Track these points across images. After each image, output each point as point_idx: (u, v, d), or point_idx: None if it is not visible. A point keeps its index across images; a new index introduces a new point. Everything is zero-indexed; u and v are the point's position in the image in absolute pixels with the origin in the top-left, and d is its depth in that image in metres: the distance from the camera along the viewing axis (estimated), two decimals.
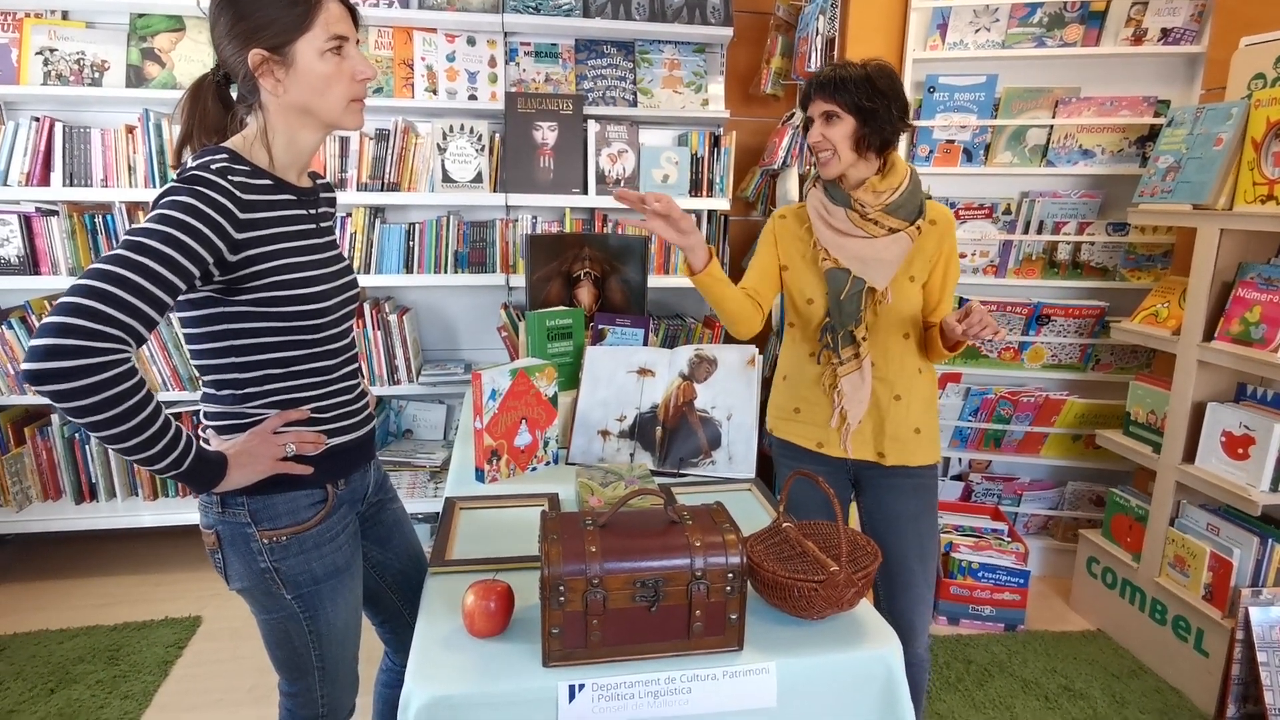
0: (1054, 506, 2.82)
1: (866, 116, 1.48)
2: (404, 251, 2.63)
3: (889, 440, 1.59)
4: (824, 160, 1.54)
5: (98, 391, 0.90)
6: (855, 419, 1.58)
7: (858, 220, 1.53)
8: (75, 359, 0.88)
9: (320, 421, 1.18)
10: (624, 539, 1.01)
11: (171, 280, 0.95)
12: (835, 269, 1.56)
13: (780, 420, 1.70)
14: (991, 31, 2.52)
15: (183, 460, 1.01)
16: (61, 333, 0.87)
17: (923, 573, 1.60)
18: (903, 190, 1.53)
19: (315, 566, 1.17)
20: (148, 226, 0.95)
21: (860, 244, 1.54)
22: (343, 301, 1.19)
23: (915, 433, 1.60)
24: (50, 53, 2.42)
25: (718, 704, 1.01)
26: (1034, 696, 2.13)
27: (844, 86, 1.48)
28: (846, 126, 1.50)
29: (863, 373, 1.57)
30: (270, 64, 1.06)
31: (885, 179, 1.54)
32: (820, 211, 1.58)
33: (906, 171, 1.56)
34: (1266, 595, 1.99)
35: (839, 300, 1.55)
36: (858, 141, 1.50)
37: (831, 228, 1.57)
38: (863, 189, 1.55)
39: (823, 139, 1.52)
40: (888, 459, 1.59)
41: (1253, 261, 2.08)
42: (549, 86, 2.71)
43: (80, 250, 2.47)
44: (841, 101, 1.48)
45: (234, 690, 2.10)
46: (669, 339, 2.76)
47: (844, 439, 1.60)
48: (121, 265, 0.92)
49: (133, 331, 0.92)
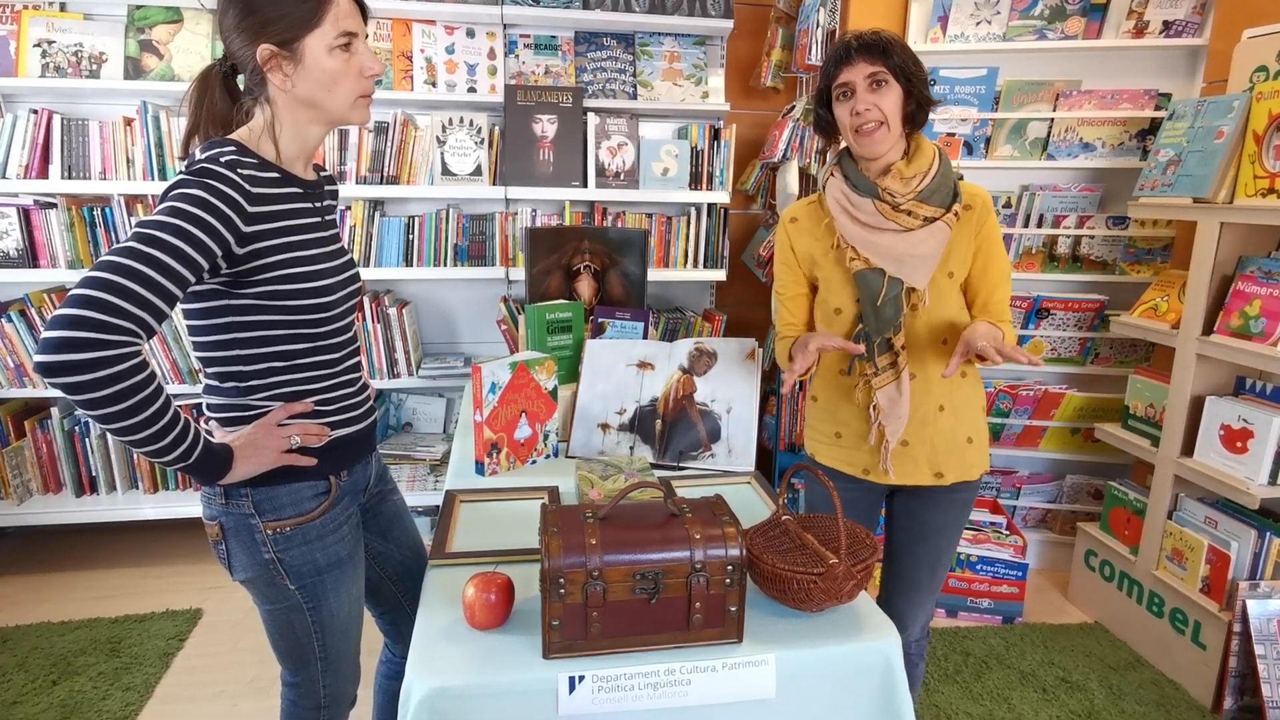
0: (1052, 500, 2.83)
1: (914, 84, 1.33)
2: (403, 244, 2.63)
3: (943, 457, 1.44)
4: (869, 132, 1.33)
5: (111, 384, 0.90)
6: (894, 436, 1.42)
7: (889, 212, 1.35)
8: (88, 351, 0.88)
9: (323, 413, 1.18)
10: (624, 531, 1.02)
11: (181, 272, 0.95)
12: (867, 270, 1.38)
13: (820, 444, 1.55)
14: (992, 24, 2.51)
15: (191, 452, 1.01)
16: (74, 325, 0.87)
17: (929, 580, 1.55)
18: (935, 173, 1.36)
19: (319, 557, 1.17)
20: (158, 219, 0.95)
21: (894, 239, 1.36)
22: (347, 295, 1.19)
23: (968, 443, 1.46)
24: (48, 45, 2.41)
25: (717, 695, 1.02)
26: (1032, 688, 2.14)
27: (890, 49, 1.31)
28: (895, 93, 1.32)
29: (900, 384, 1.40)
30: (279, 59, 1.06)
31: (912, 163, 1.38)
32: (843, 204, 1.40)
33: (934, 151, 1.39)
34: (1264, 588, 2.00)
35: (875, 306, 1.38)
36: (905, 113, 1.34)
37: (858, 222, 1.38)
38: (890, 176, 1.37)
39: (873, 107, 1.32)
40: (947, 477, 1.45)
41: (1253, 255, 2.07)
42: (548, 79, 2.70)
43: (79, 243, 2.46)
44: (890, 64, 1.31)
45: (235, 682, 2.11)
46: (669, 332, 2.76)
47: (884, 459, 1.44)
48: (132, 257, 0.92)
49: (143, 323, 0.92)
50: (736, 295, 3.06)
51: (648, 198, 2.70)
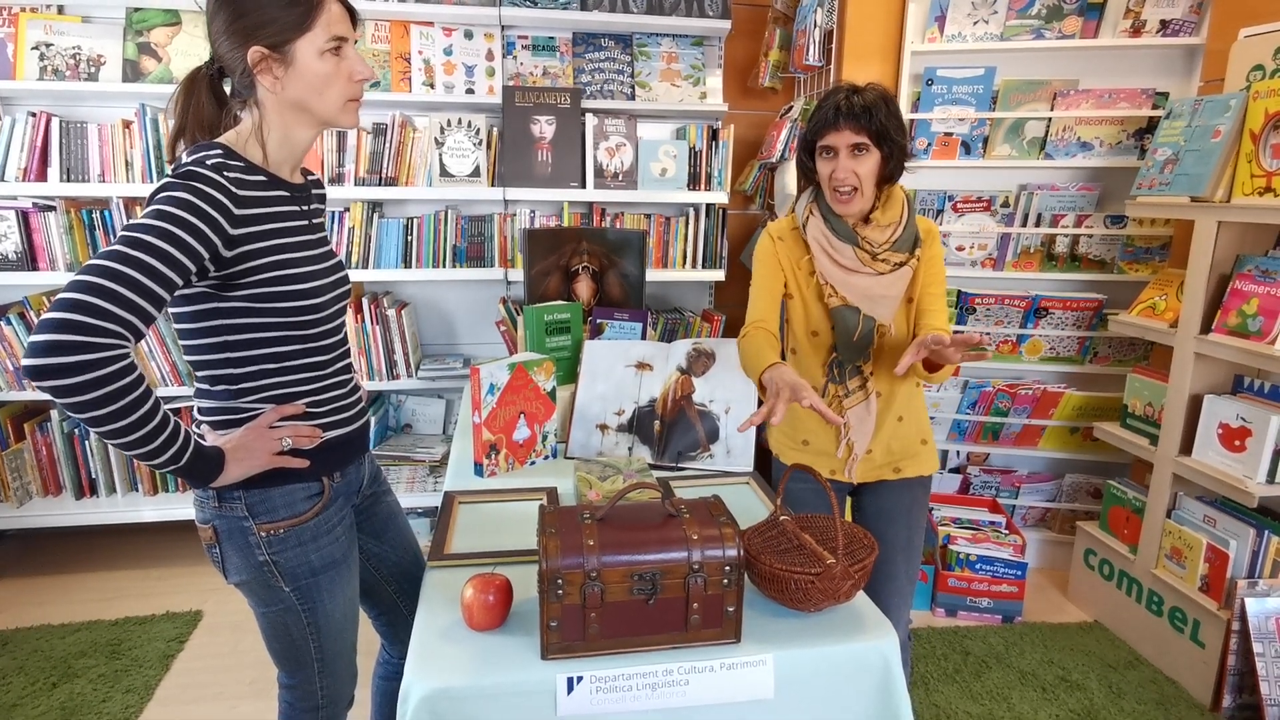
0: (1051, 499, 2.83)
1: (893, 150, 1.40)
2: (402, 246, 2.63)
3: (900, 458, 1.59)
4: (844, 198, 1.43)
5: (98, 387, 0.90)
6: (861, 449, 1.57)
7: (866, 260, 1.47)
8: (75, 355, 0.88)
9: (315, 415, 1.19)
10: (622, 532, 1.02)
11: (169, 276, 0.95)
12: (844, 307, 1.49)
13: (789, 450, 1.65)
14: (990, 24, 2.52)
15: (181, 455, 1.01)
16: (61, 328, 0.88)
17: (905, 565, 1.61)
18: (904, 224, 1.48)
19: (313, 558, 1.18)
20: (145, 222, 0.95)
21: (869, 281, 1.48)
22: (336, 297, 1.19)
23: (922, 444, 1.61)
24: (46, 47, 2.41)
25: (715, 695, 1.02)
26: (1031, 687, 2.14)
27: (874, 115, 1.37)
28: (874, 160, 1.41)
29: (869, 404, 1.54)
30: (269, 61, 1.06)
31: (886, 211, 1.48)
32: (824, 245, 1.50)
33: (903, 199, 1.50)
34: (1262, 586, 2.00)
35: (850, 340, 1.50)
36: (879, 176, 1.43)
37: (838, 264, 1.49)
38: (869, 226, 1.48)
39: (851, 175, 1.40)
40: (905, 473, 1.60)
41: (1250, 254, 2.08)
42: (547, 80, 2.71)
43: (78, 245, 2.46)
44: (873, 132, 1.37)
45: (235, 684, 2.11)
46: (667, 333, 2.76)
47: (848, 468, 1.58)
48: (119, 261, 0.92)
49: (131, 327, 0.93)
50: (735, 295, 3.06)
51: (646, 198, 2.70)
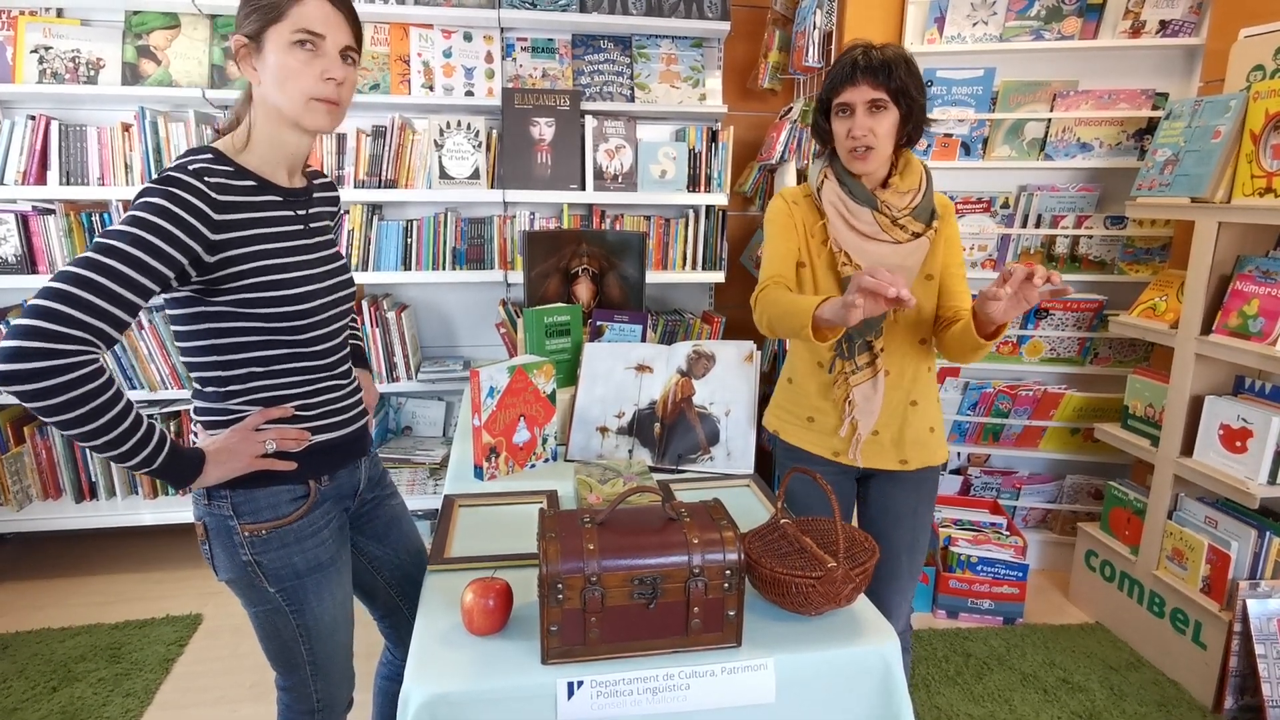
0: (1052, 500, 2.83)
1: (911, 107, 1.36)
2: (402, 248, 2.63)
3: (909, 446, 1.53)
4: (861, 155, 1.38)
5: (63, 392, 0.92)
6: (866, 430, 1.51)
7: (886, 225, 1.41)
8: (40, 360, 0.90)
9: (304, 419, 1.19)
10: (622, 536, 1.01)
11: (140, 281, 0.96)
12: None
13: (790, 425, 1.61)
14: (989, 25, 2.51)
15: (154, 458, 1.02)
16: (27, 335, 0.89)
17: (909, 564, 1.60)
18: (924, 192, 1.43)
19: (296, 561, 1.18)
20: (117, 229, 0.97)
21: (886, 250, 1.42)
22: (333, 302, 1.19)
23: (930, 432, 1.55)
24: (45, 50, 2.41)
25: (716, 700, 1.01)
26: (1033, 689, 2.13)
27: (894, 71, 1.32)
28: (892, 118, 1.36)
29: (875, 382, 1.48)
30: (247, 49, 1.09)
31: (905, 178, 1.43)
32: (840, 210, 1.43)
33: (921, 168, 1.46)
34: (1264, 588, 2.00)
35: None
36: (898, 136, 1.39)
37: (855, 230, 1.43)
38: (888, 190, 1.42)
39: (869, 133, 1.35)
40: (911, 464, 1.54)
41: (1251, 254, 2.07)
42: (546, 82, 2.70)
43: (77, 249, 2.46)
44: (892, 89, 1.33)
45: (235, 687, 2.10)
46: (667, 335, 2.76)
47: (853, 449, 1.53)
48: (88, 268, 0.93)
49: (99, 333, 0.94)
50: (735, 297, 3.05)
51: (646, 200, 2.70)
